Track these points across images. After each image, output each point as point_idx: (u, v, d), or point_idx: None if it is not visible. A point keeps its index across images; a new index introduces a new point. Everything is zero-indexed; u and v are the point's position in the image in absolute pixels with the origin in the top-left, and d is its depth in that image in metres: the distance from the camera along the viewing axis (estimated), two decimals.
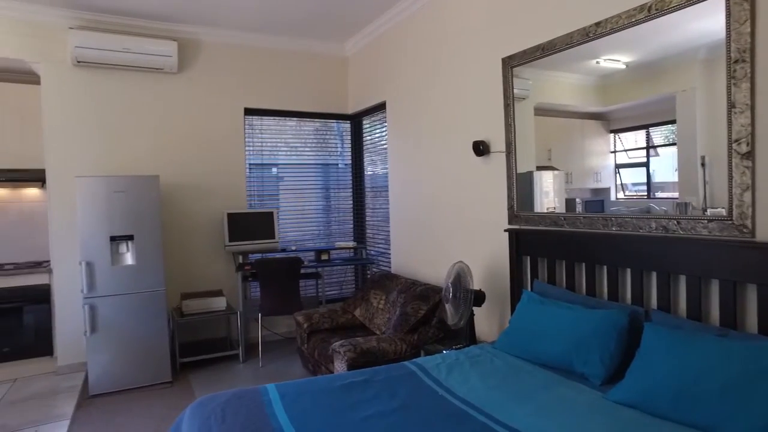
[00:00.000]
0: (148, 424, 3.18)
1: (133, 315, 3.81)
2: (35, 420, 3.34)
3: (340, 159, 5.52)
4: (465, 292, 2.94)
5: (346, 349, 3.08)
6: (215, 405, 2.04)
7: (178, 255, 4.58)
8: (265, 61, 4.92)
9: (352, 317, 4.09)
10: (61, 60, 4.10)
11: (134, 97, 4.40)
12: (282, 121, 5.16)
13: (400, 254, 4.48)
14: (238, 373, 4.12)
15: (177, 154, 4.57)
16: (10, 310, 4.07)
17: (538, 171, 3.01)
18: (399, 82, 4.36)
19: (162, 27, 4.39)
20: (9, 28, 3.96)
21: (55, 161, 4.16)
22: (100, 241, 3.72)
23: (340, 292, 5.43)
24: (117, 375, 3.75)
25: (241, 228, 4.61)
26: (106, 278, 3.74)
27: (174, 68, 4.38)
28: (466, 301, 2.94)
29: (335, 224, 5.48)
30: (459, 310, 2.95)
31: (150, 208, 3.88)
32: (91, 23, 4.16)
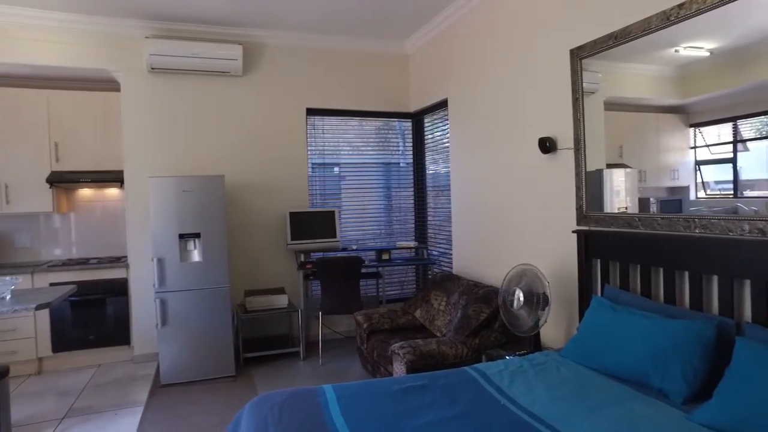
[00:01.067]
0: (213, 416, 3.29)
1: (199, 310, 3.95)
2: (115, 404, 3.57)
3: (402, 158, 5.47)
4: (540, 297, 2.79)
5: (405, 351, 3.02)
6: (272, 404, 2.05)
7: (242, 253, 4.72)
8: (326, 62, 4.97)
9: (412, 318, 4.04)
10: (138, 68, 4.35)
11: (202, 100, 4.59)
12: (344, 120, 5.19)
13: (462, 255, 4.36)
14: (299, 370, 4.18)
15: (242, 155, 4.72)
16: (94, 301, 4.36)
17: (609, 169, 2.81)
18: (461, 78, 4.24)
19: (228, 32, 4.54)
20: (94, 41, 4.25)
21: (132, 162, 4.42)
22: (169, 238, 3.89)
23: (401, 292, 5.39)
24: (185, 367, 3.91)
25: (302, 227, 4.68)
26: (176, 274, 3.91)
27: (239, 71, 4.52)
28: (542, 307, 2.79)
29: (396, 224, 5.45)
30: (537, 316, 2.80)
31: (216, 207, 4.01)
32: (164, 32, 4.37)
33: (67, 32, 4.18)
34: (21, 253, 4.68)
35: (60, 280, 4.23)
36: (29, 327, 4.20)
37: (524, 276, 2.89)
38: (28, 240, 4.70)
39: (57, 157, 4.44)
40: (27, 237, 4.70)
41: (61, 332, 4.28)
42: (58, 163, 4.44)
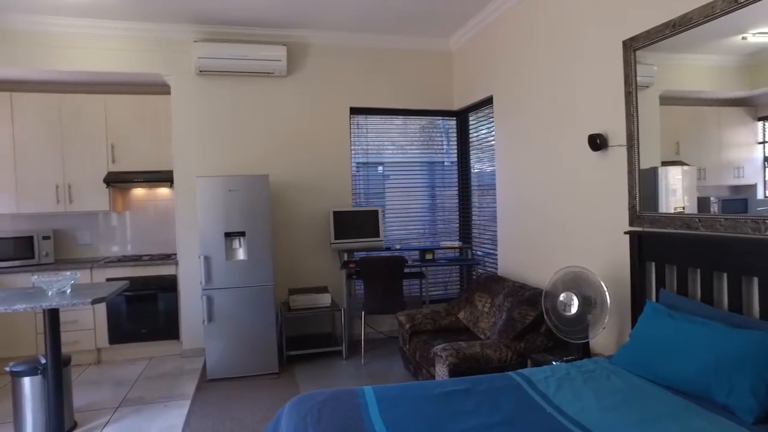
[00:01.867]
0: (256, 412, 3.33)
1: (244, 307, 4.03)
2: (165, 396, 3.69)
3: (446, 156, 5.40)
4: (594, 303, 2.66)
5: (448, 353, 2.96)
6: (312, 404, 2.05)
7: (285, 251, 4.78)
8: (370, 61, 4.96)
9: (455, 320, 3.96)
10: (187, 71, 4.48)
11: (247, 101, 4.68)
12: (388, 119, 5.16)
13: (508, 256, 4.25)
14: (341, 369, 4.18)
15: (286, 154, 4.78)
16: (147, 296, 4.53)
17: (664, 167, 2.64)
18: (506, 74, 4.13)
19: (272, 33, 4.61)
20: (147, 47, 4.42)
21: (181, 163, 4.56)
22: (216, 237, 3.98)
23: (445, 292, 5.31)
24: (230, 363, 4.00)
25: (346, 226, 4.69)
26: (221, 272, 4.00)
27: (283, 72, 4.58)
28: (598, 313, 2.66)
29: (440, 223, 5.37)
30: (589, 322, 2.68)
31: (260, 206, 4.07)
32: (212, 35, 4.49)
33: (122, 40, 4.36)
34: (82, 249, 4.93)
35: (115, 276, 4.43)
36: (89, 319, 4.42)
37: (576, 279, 2.76)
38: (88, 237, 4.95)
39: (113, 159, 4.64)
40: (87, 234, 4.94)
41: (117, 325, 4.48)
42: (114, 164, 4.65)
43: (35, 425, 3.04)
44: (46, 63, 4.24)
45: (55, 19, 4.16)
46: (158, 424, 3.23)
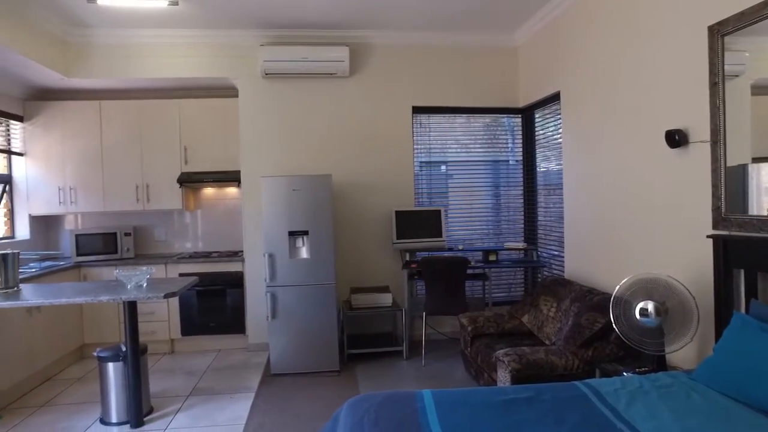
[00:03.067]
0: (317, 409, 3.38)
1: (307, 305, 4.10)
2: (231, 388, 3.84)
3: (511, 155, 5.24)
4: (676, 312, 2.47)
5: (510, 358, 2.86)
6: (370, 405, 2.03)
7: (347, 250, 4.83)
8: (432, 59, 4.90)
9: (519, 323, 3.83)
10: (253, 74, 4.63)
11: (310, 102, 4.77)
12: (451, 118, 5.09)
13: (575, 258, 4.05)
14: (401, 369, 4.16)
15: (348, 154, 4.82)
16: (216, 291, 4.74)
17: (756, 164, 2.39)
18: (575, 68, 3.93)
19: (335, 34, 4.66)
20: (216, 52, 4.62)
21: (247, 163, 4.72)
22: (280, 235, 4.08)
23: (508, 295, 5.16)
24: (293, 358, 4.09)
25: (408, 226, 4.67)
26: (285, 270, 4.09)
27: (346, 72, 4.62)
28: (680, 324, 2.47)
29: (505, 223, 5.23)
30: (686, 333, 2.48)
31: (323, 205, 4.13)
32: (277, 38, 4.61)
33: (194, 47, 4.58)
34: (158, 245, 5.24)
35: (187, 271, 4.66)
36: (164, 312, 4.68)
37: (654, 286, 2.56)
38: (163, 234, 5.25)
39: (186, 160, 4.89)
40: (162, 231, 5.24)
41: (189, 318, 4.71)
42: (187, 165, 4.89)
43: (118, 406, 3.27)
44: (128, 72, 4.54)
45: (135, 31, 4.44)
46: (225, 415, 3.36)
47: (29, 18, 3.90)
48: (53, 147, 4.79)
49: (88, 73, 4.50)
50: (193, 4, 3.95)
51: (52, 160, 4.79)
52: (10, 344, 3.65)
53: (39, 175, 4.80)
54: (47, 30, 4.15)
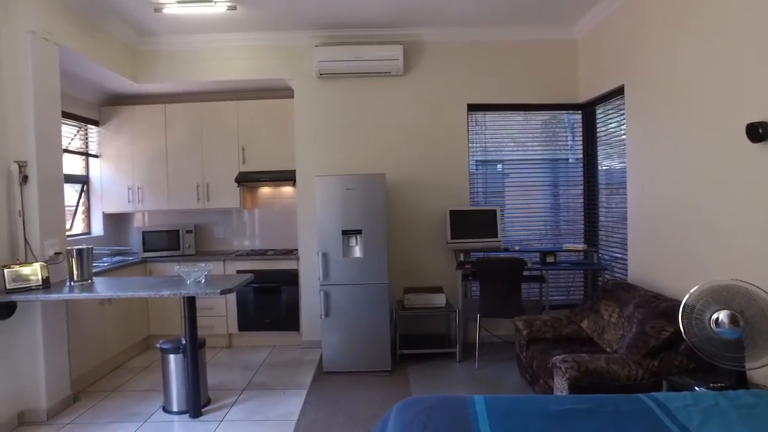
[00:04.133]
0: (368, 409, 3.37)
1: (360, 304, 4.11)
2: (284, 384, 3.91)
3: (570, 153, 5.03)
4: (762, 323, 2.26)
5: (568, 365, 2.73)
6: (420, 409, 1.99)
7: (401, 250, 4.80)
8: (487, 55, 4.78)
9: (578, 328, 3.66)
10: (308, 75, 4.70)
11: (364, 101, 4.78)
12: (507, 115, 4.94)
13: (640, 261, 3.81)
14: (454, 372, 4.09)
15: (401, 153, 4.79)
16: (272, 288, 4.85)
17: None
18: (641, 60, 3.69)
19: (389, 33, 4.64)
20: (273, 54, 4.72)
21: (302, 162, 4.80)
22: (333, 234, 4.11)
23: (567, 298, 4.95)
24: (345, 357, 4.11)
25: (463, 225, 4.58)
26: (338, 269, 4.12)
27: (400, 70, 4.59)
28: None
29: (564, 224, 5.02)
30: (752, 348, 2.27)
31: (377, 204, 4.12)
32: (331, 39, 4.65)
33: (250, 50, 4.71)
34: (217, 242, 5.43)
35: (244, 268, 4.79)
36: (222, 307, 4.84)
37: (733, 294, 2.34)
38: (222, 231, 5.43)
39: (243, 159, 5.03)
40: (221, 229, 5.43)
41: (245, 314, 4.85)
42: (244, 165, 5.03)
43: (179, 396, 3.41)
44: (190, 76, 4.74)
45: (197, 37, 4.62)
46: (278, 410, 3.42)
47: (105, 30, 4.15)
48: (124, 149, 5.08)
49: (154, 78, 4.73)
50: (250, 8, 4.06)
51: (122, 161, 5.08)
52: (85, 333, 3.90)
53: (111, 176, 5.10)
54: (120, 40, 4.40)
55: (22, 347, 3.31)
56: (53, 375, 3.42)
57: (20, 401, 3.31)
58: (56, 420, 3.35)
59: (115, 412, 3.46)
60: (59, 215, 3.60)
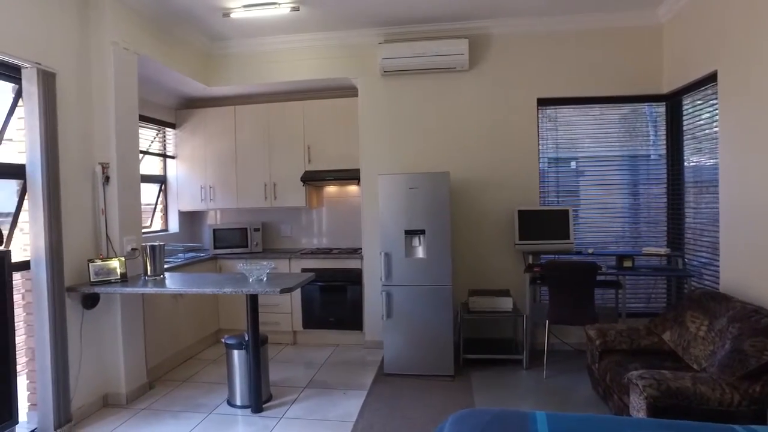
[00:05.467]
0: (427, 414, 3.28)
1: (422, 306, 4.02)
2: (344, 384, 3.90)
3: (653, 149, 4.63)
4: None
5: (646, 382, 2.48)
6: (476, 423, 1.87)
7: (465, 251, 4.65)
8: (560, 46, 4.50)
9: (658, 341, 3.35)
10: (372, 72, 4.67)
11: (429, 98, 4.67)
12: (581, 109, 4.64)
13: (735, 269, 3.41)
14: (520, 380, 3.89)
15: (467, 150, 4.64)
16: (336, 287, 4.87)
17: None
18: (738, 42, 3.30)
19: (453, 27, 4.50)
20: (337, 54, 4.74)
21: (366, 161, 4.77)
22: (396, 234, 4.05)
23: (646, 306, 4.57)
24: (406, 359, 4.03)
25: (532, 226, 4.36)
26: (401, 269, 4.04)
27: (465, 65, 4.44)
28: None
29: (644, 226, 4.64)
30: None
31: (440, 204, 4.01)
32: (395, 35, 4.59)
33: (315, 50, 4.75)
34: (284, 240, 5.55)
35: (309, 267, 4.85)
36: (287, 304, 4.93)
37: None
38: (289, 230, 5.54)
39: (309, 159, 5.09)
40: (288, 227, 5.54)
41: (310, 311, 4.91)
42: (310, 164, 5.09)
43: (242, 391, 3.50)
44: (258, 78, 4.86)
45: (263, 39, 4.73)
46: (337, 410, 3.41)
47: (179, 37, 4.35)
48: (197, 150, 5.31)
49: (224, 81, 4.90)
50: (313, 8, 4.08)
51: (196, 161, 5.32)
52: (159, 325, 4.11)
53: (186, 176, 5.36)
54: (193, 46, 4.59)
55: (106, 335, 3.55)
56: (131, 363, 3.64)
57: (104, 385, 3.56)
58: (134, 405, 3.56)
59: (184, 402, 3.61)
60: (136, 213, 3.81)
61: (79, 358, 3.33)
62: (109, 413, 3.44)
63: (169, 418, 3.36)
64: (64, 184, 3.22)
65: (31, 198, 3.09)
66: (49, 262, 3.09)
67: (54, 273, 3.12)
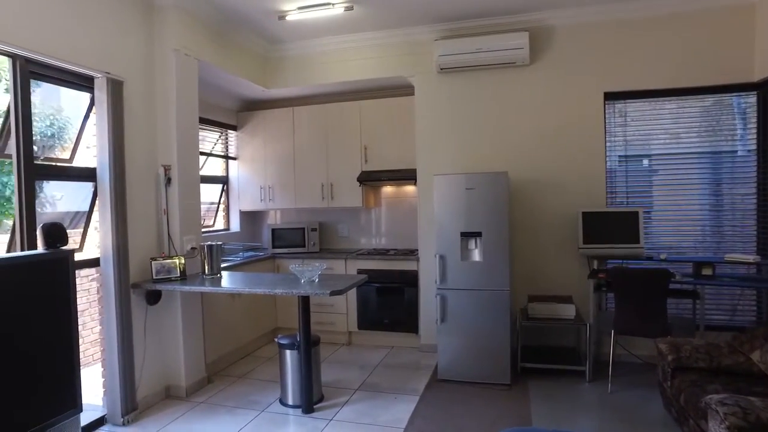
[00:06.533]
0: (481, 425, 3.14)
1: (478, 311, 3.87)
2: (396, 388, 3.84)
3: (740, 144, 4.20)
4: None
5: (729, 410, 2.21)
6: None
7: (524, 254, 4.44)
8: (629, 35, 4.17)
9: (744, 361, 2.99)
10: (428, 70, 4.56)
11: (486, 95, 4.50)
12: (656, 103, 4.28)
13: None
14: (582, 393, 3.64)
15: (526, 149, 4.42)
16: (391, 289, 4.81)
17: None
18: None
19: (512, 20, 4.30)
20: (392, 52, 4.68)
21: (422, 161, 4.68)
22: (451, 236, 3.92)
23: (730, 320, 4.14)
24: (461, 365, 3.90)
25: (598, 229, 4.09)
26: (456, 272, 3.92)
27: (525, 60, 4.23)
28: None
29: (728, 230, 4.22)
30: None
31: (498, 205, 3.84)
32: (451, 32, 4.46)
33: (370, 49, 4.72)
34: (341, 240, 5.57)
35: (364, 267, 4.83)
36: (342, 304, 4.94)
37: None
38: (346, 230, 5.56)
39: (365, 159, 5.07)
40: (345, 227, 5.55)
41: (365, 312, 4.89)
42: (366, 164, 5.07)
43: (294, 390, 3.53)
44: (314, 79, 4.91)
45: (319, 41, 4.77)
46: (387, 415, 3.35)
47: (238, 42, 4.46)
48: (257, 151, 5.45)
49: (282, 83, 4.99)
50: (367, 7, 4.04)
51: (256, 162, 5.46)
52: (218, 322, 4.25)
53: (246, 176, 5.51)
54: (252, 50, 4.70)
55: (167, 331, 3.71)
56: (191, 357, 3.78)
57: (166, 377, 3.74)
58: (193, 397, 3.70)
59: (239, 398, 3.69)
60: (195, 213, 3.94)
61: (143, 350, 3.50)
62: (171, 404, 3.59)
63: (224, 413, 3.45)
64: (130, 185, 3.39)
65: (100, 199, 3.28)
66: (116, 260, 3.26)
67: (120, 270, 3.29)
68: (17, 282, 2.02)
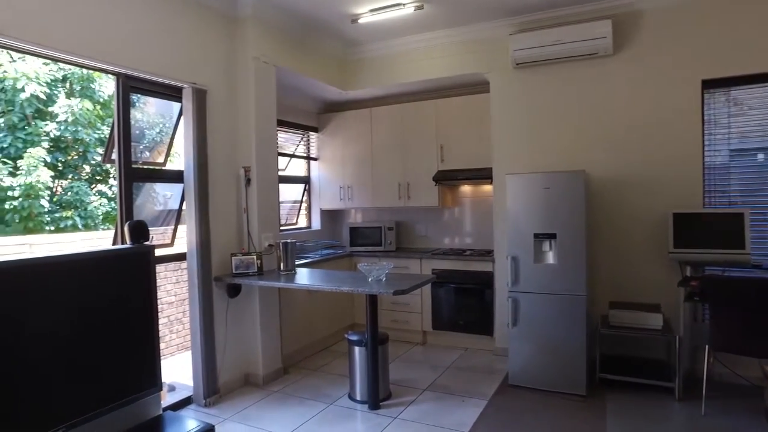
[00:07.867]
0: None
1: (552, 316, 3.69)
2: (466, 390, 3.79)
3: None
4: None
5: None
6: None
7: (604, 257, 4.15)
8: (732, 13, 3.70)
9: None
10: (504, 66, 4.41)
11: (564, 89, 4.26)
12: None
13: None
14: (669, 413, 3.33)
15: (609, 146, 4.12)
16: (467, 290, 4.74)
17: None
18: None
19: (593, 8, 4.02)
20: (466, 49, 4.59)
21: (499, 159, 4.55)
22: (525, 237, 3.78)
23: None
24: (532, 372, 3.75)
25: (692, 232, 3.71)
26: (529, 275, 3.77)
27: (609, 50, 3.93)
28: None
29: None
30: None
31: (574, 205, 3.63)
32: (526, 25, 4.28)
33: (443, 47, 4.67)
34: (418, 240, 5.58)
35: (439, 267, 4.80)
36: (417, 304, 4.96)
37: None
38: (423, 229, 5.56)
39: (442, 158, 5.04)
40: (423, 227, 5.56)
41: (439, 313, 4.87)
42: (442, 163, 5.03)
43: (361, 386, 3.62)
44: (390, 80, 4.96)
45: (393, 41, 4.81)
46: (451, 418, 3.31)
47: (314, 46, 4.64)
48: (336, 151, 5.63)
49: (359, 85, 5.10)
50: (437, 5, 4.01)
51: (335, 162, 5.64)
52: (295, 315, 4.47)
53: (326, 176, 5.72)
54: (328, 53, 4.86)
55: (246, 322, 3.97)
56: (268, 348, 4.02)
57: (245, 365, 4.00)
58: (269, 386, 3.92)
59: (311, 390, 3.85)
60: (274, 212, 4.17)
61: (224, 339, 3.77)
62: (248, 391, 3.84)
63: (296, 403, 3.62)
64: (213, 186, 3.68)
65: (187, 199, 3.60)
66: (199, 255, 3.56)
67: (203, 264, 3.58)
68: (109, 271, 2.30)
